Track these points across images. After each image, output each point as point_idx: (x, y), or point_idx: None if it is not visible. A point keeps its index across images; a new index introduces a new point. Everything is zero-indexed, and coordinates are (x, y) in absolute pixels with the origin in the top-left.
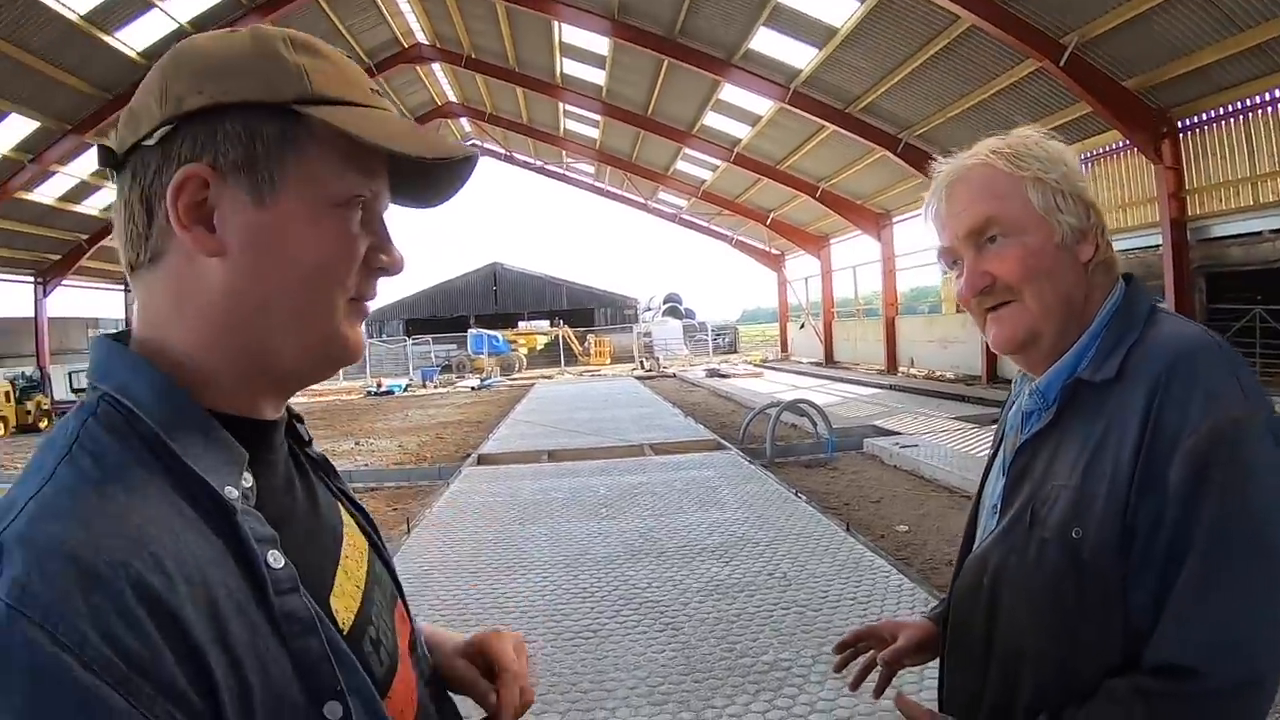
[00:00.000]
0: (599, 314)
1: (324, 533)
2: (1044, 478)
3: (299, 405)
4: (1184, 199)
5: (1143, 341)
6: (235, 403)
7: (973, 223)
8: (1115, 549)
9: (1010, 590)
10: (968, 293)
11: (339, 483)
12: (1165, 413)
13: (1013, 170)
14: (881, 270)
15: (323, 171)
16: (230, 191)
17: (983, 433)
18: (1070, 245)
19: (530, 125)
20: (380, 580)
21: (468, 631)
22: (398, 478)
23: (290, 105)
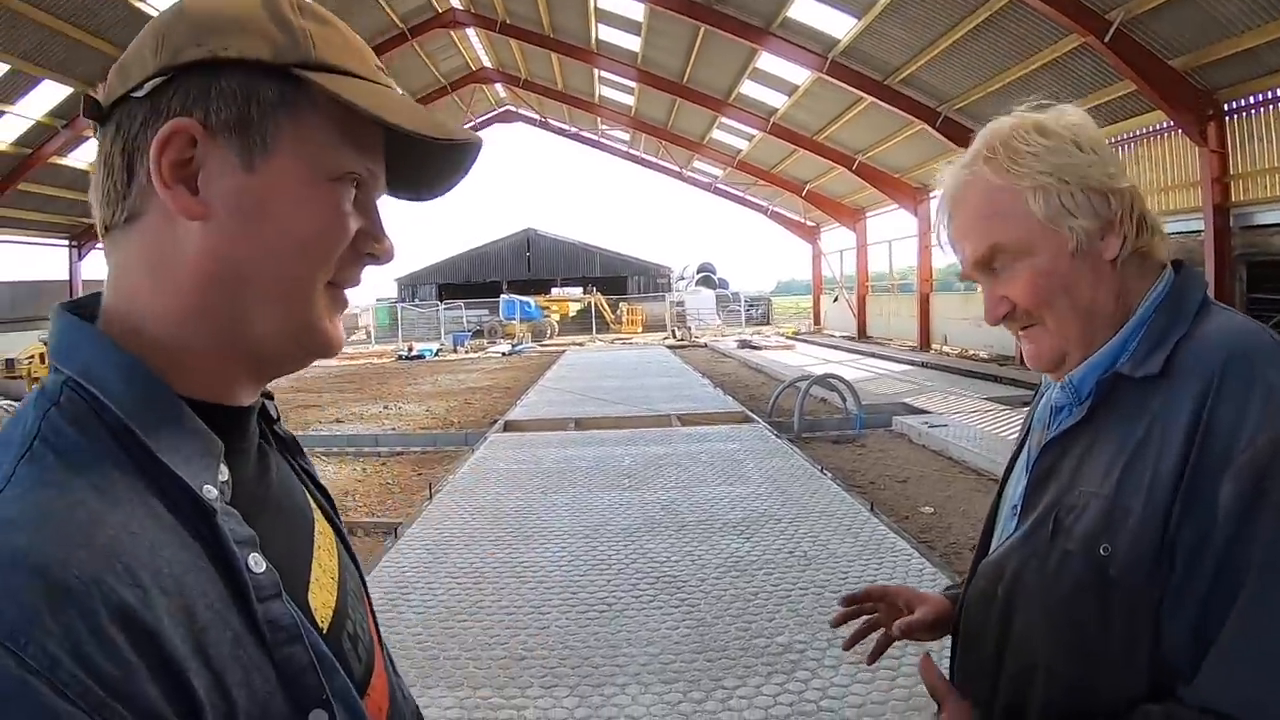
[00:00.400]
0: (632, 282)
1: (298, 523)
2: (1071, 481)
3: (326, 369)
4: (1228, 184)
5: (1192, 336)
6: (210, 387)
7: (976, 254)
8: (1148, 570)
9: (1026, 602)
10: (989, 320)
11: (305, 463)
12: (1217, 418)
13: (1009, 181)
14: (917, 245)
15: (318, 141)
16: (219, 152)
17: (1014, 415)
18: (1088, 249)
19: (565, 92)
20: (349, 568)
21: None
22: (424, 442)
23: (291, 68)
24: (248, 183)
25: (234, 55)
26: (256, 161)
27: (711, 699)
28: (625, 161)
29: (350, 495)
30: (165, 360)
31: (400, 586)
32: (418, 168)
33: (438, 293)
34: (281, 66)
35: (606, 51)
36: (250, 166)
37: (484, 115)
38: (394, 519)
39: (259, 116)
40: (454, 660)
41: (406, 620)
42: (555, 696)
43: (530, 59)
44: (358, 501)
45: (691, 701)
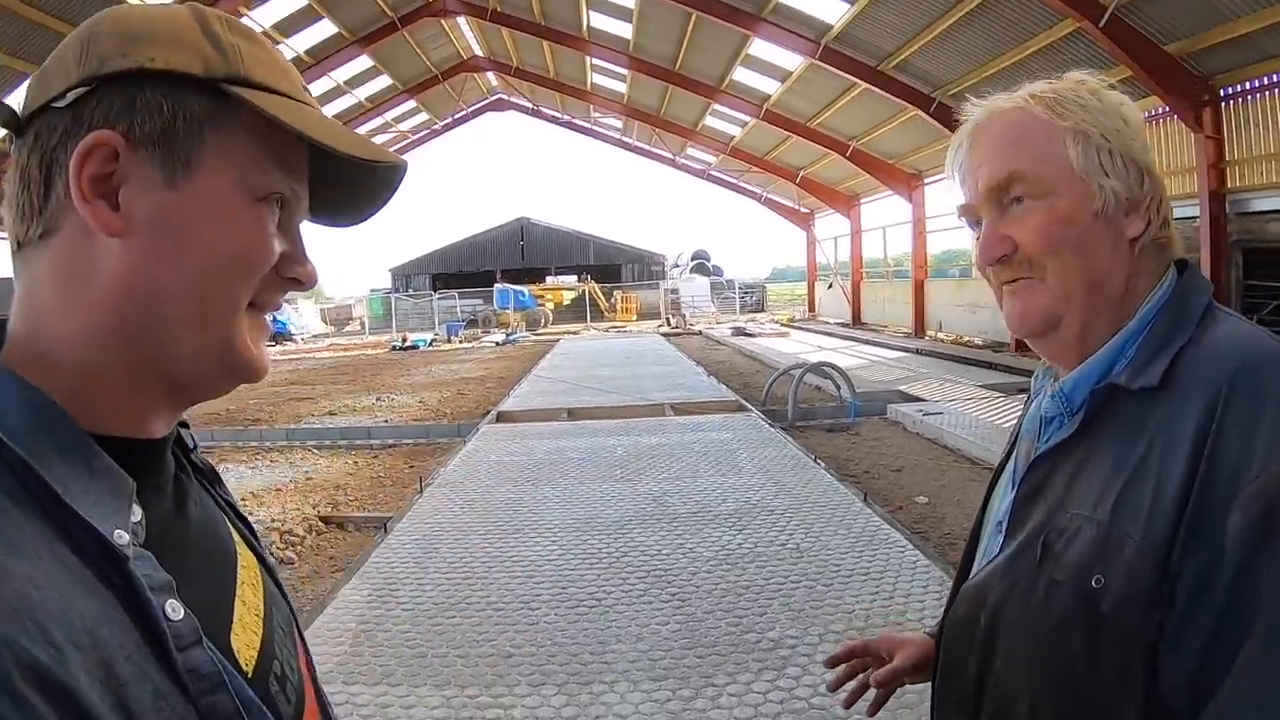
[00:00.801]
0: (626, 270)
1: (219, 559)
2: (1062, 502)
3: (319, 362)
4: (1224, 170)
5: (1196, 345)
6: (122, 419)
7: (994, 178)
8: (1144, 605)
9: (1010, 633)
10: (983, 259)
11: (225, 493)
12: (1225, 440)
13: (1051, 118)
14: (912, 231)
15: (243, 160)
16: (142, 167)
17: (1009, 402)
18: (1112, 216)
19: (557, 79)
20: (277, 602)
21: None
22: (416, 434)
23: (220, 84)
24: (171, 199)
25: (161, 67)
26: (180, 178)
27: (701, 696)
28: (618, 149)
29: (342, 489)
30: (73, 390)
31: (389, 583)
32: (341, 191)
33: (431, 283)
34: (210, 81)
35: (598, 39)
36: (174, 183)
37: (476, 104)
38: (384, 513)
39: (185, 131)
40: (442, 658)
41: (395, 617)
42: (543, 695)
43: (522, 47)
44: (349, 496)
45: (681, 699)
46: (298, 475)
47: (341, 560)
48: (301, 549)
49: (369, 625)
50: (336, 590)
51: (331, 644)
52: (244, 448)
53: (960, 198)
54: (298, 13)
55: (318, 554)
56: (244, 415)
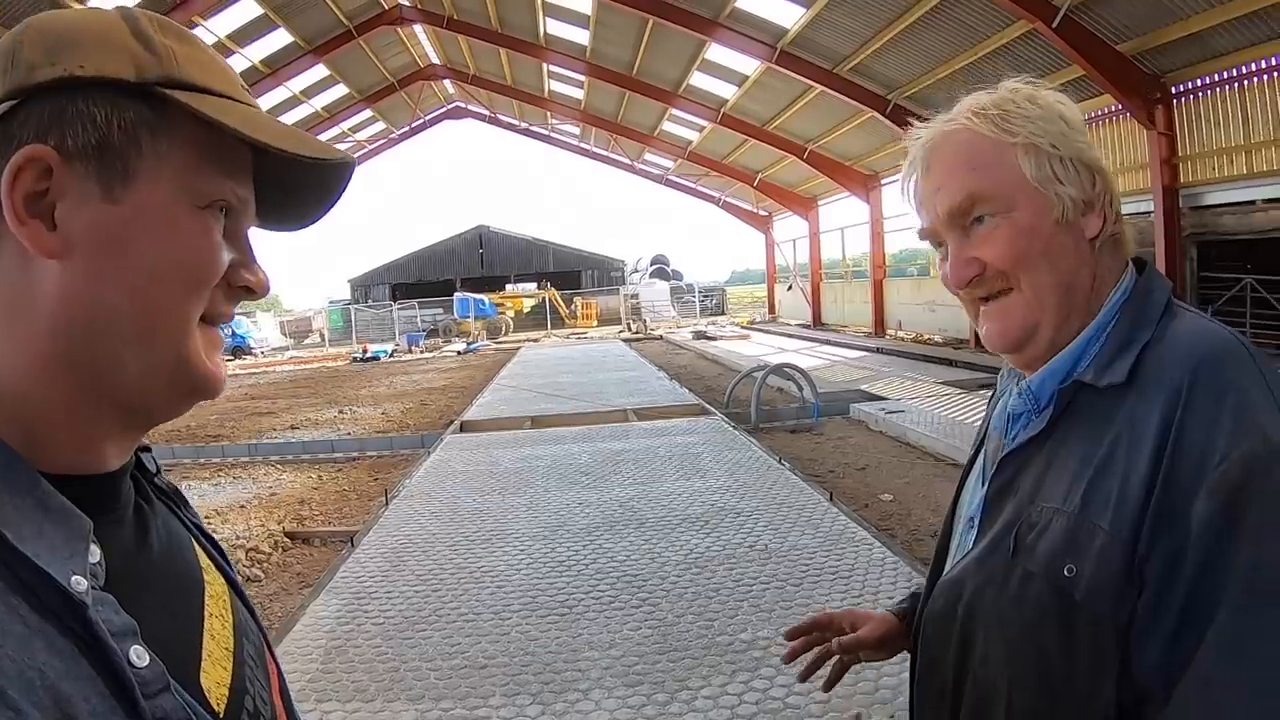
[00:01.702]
0: (586, 276)
1: (186, 592)
2: (1032, 496)
3: (280, 375)
4: (1176, 166)
5: (1158, 342)
6: (74, 454)
7: (953, 202)
8: (1115, 593)
9: (985, 626)
10: (954, 283)
11: (191, 515)
12: (1188, 431)
13: (999, 136)
14: (870, 232)
15: (183, 166)
16: (77, 181)
17: (970, 398)
18: (1072, 220)
19: (514, 87)
20: (248, 631)
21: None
22: (380, 446)
23: (154, 87)
24: (110, 214)
25: (92, 74)
26: (118, 190)
27: (676, 700)
28: (576, 155)
29: (307, 504)
30: (21, 426)
31: (359, 597)
32: (287, 193)
33: (391, 293)
34: (143, 85)
35: (555, 45)
36: (112, 196)
37: (433, 112)
38: (351, 527)
39: (121, 141)
40: (415, 671)
41: (366, 631)
42: (518, 705)
43: (479, 55)
44: (314, 510)
45: (656, 704)
46: (262, 491)
47: (309, 576)
48: (268, 566)
49: (339, 641)
50: (305, 607)
51: (302, 661)
52: (206, 464)
53: (920, 222)
54: (253, 22)
55: (284, 570)
56: (205, 431)
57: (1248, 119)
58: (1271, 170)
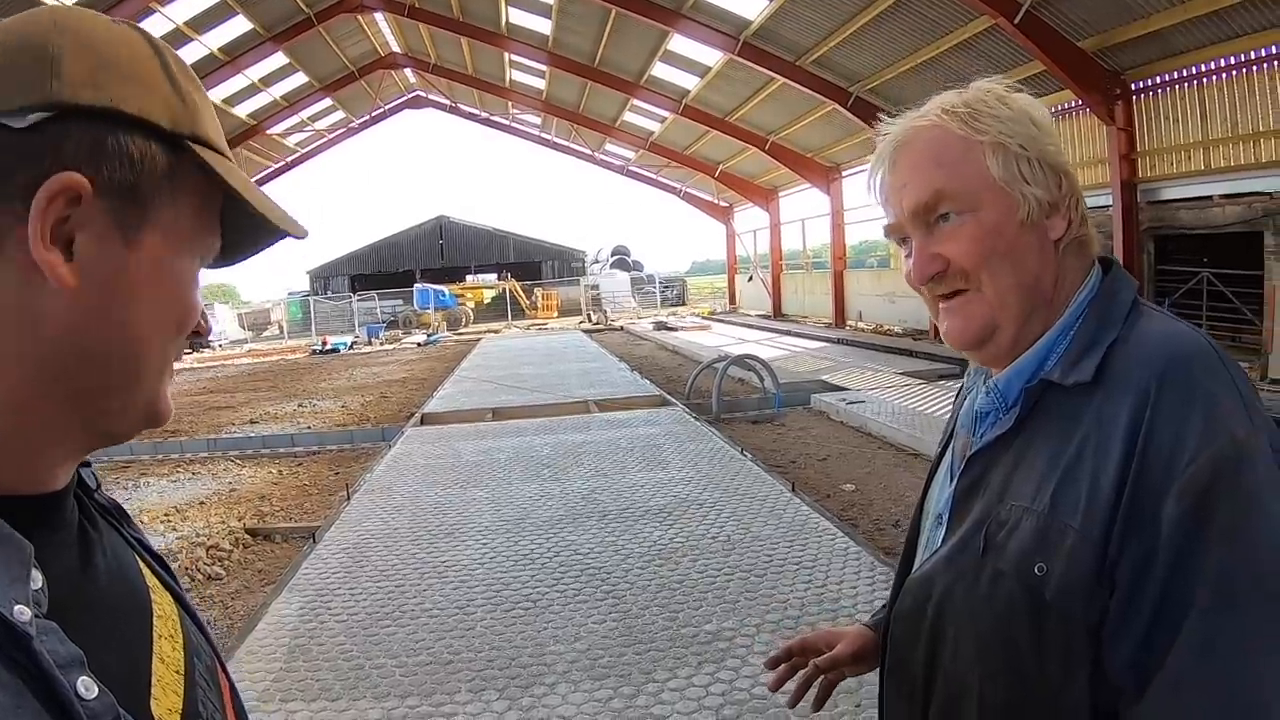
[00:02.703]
0: (546, 267)
1: (133, 615)
2: (1001, 495)
3: (239, 368)
4: (1135, 161)
5: (1125, 341)
6: (20, 475)
7: (919, 198)
8: (1086, 592)
9: (955, 625)
10: (917, 279)
11: (134, 531)
12: (1157, 432)
13: (968, 133)
14: (830, 224)
15: (188, 220)
16: (102, 217)
17: (930, 389)
18: (1036, 221)
19: (475, 76)
20: (199, 650)
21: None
22: (340, 440)
23: (183, 139)
24: (125, 258)
25: (134, 112)
26: (134, 235)
27: (643, 693)
28: (537, 145)
29: (267, 500)
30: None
31: (321, 594)
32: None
33: (350, 284)
34: (175, 136)
35: (517, 35)
36: (129, 240)
37: (393, 101)
38: (312, 523)
39: (148, 186)
40: (380, 669)
41: (329, 629)
42: (484, 701)
43: (440, 43)
44: (275, 506)
45: (623, 697)
46: (221, 487)
47: (271, 574)
48: (229, 564)
49: (303, 639)
50: (267, 605)
51: (265, 661)
52: (165, 460)
53: (885, 218)
54: (211, 8)
55: (246, 568)
56: (163, 427)
57: (1206, 116)
58: (1228, 166)
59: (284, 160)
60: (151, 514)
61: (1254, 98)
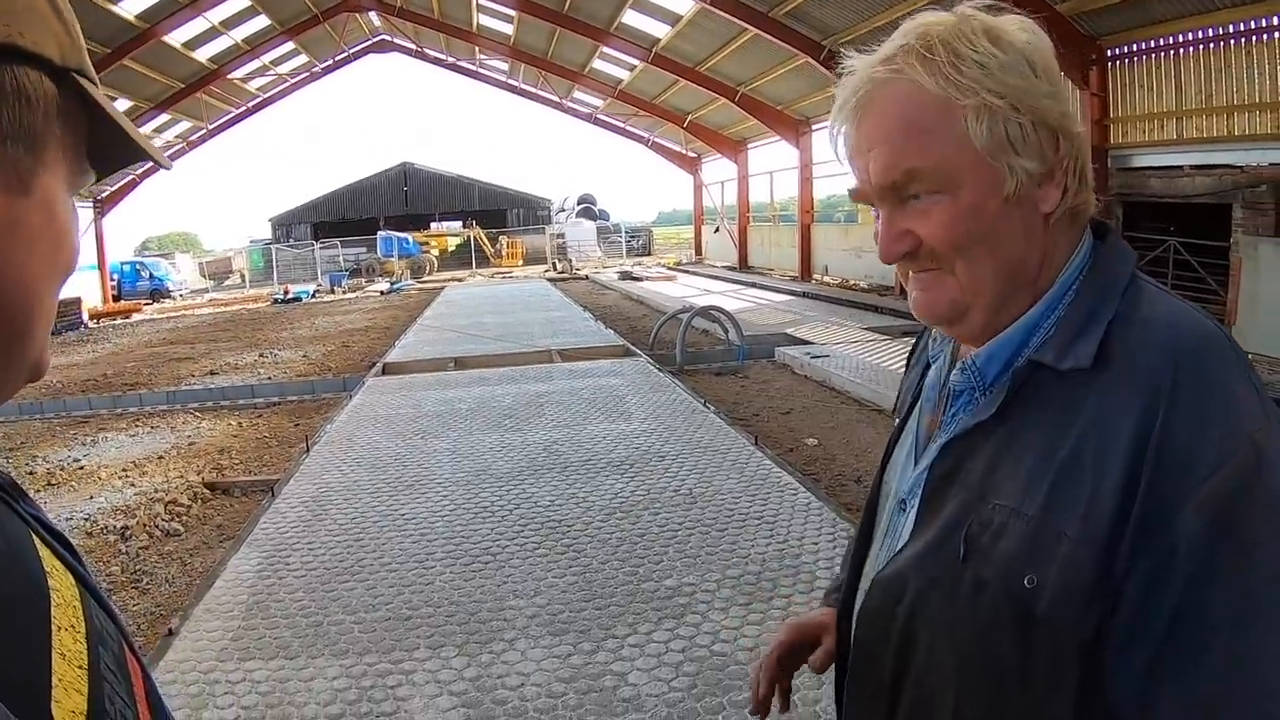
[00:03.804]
0: (512, 215)
1: (28, 609)
2: (982, 489)
3: (200, 318)
4: (1107, 127)
5: (1127, 322)
6: None
7: (887, 177)
8: (1082, 607)
9: (930, 631)
10: (884, 256)
11: (29, 507)
12: (1171, 435)
13: (947, 92)
14: (799, 177)
15: (71, 156)
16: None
17: (895, 344)
18: (1025, 196)
19: (442, 20)
20: (104, 637)
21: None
22: (301, 391)
23: (71, 73)
24: (19, 206)
25: (30, 47)
26: (28, 181)
27: (603, 649)
28: (504, 92)
29: (226, 453)
30: None
31: (280, 549)
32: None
33: (313, 232)
34: (64, 71)
35: None
36: (24, 185)
37: (358, 44)
38: (271, 476)
39: (42, 128)
40: (338, 625)
41: (288, 585)
42: (443, 657)
43: None
44: (234, 459)
45: (582, 653)
46: (180, 441)
47: (230, 528)
48: (187, 519)
49: (261, 596)
50: (225, 561)
51: (224, 619)
52: (123, 414)
53: (851, 175)
54: None
55: (205, 524)
56: (122, 380)
57: (1180, 87)
58: (1200, 137)
59: (245, 105)
60: (109, 470)
61: (1229, 71)
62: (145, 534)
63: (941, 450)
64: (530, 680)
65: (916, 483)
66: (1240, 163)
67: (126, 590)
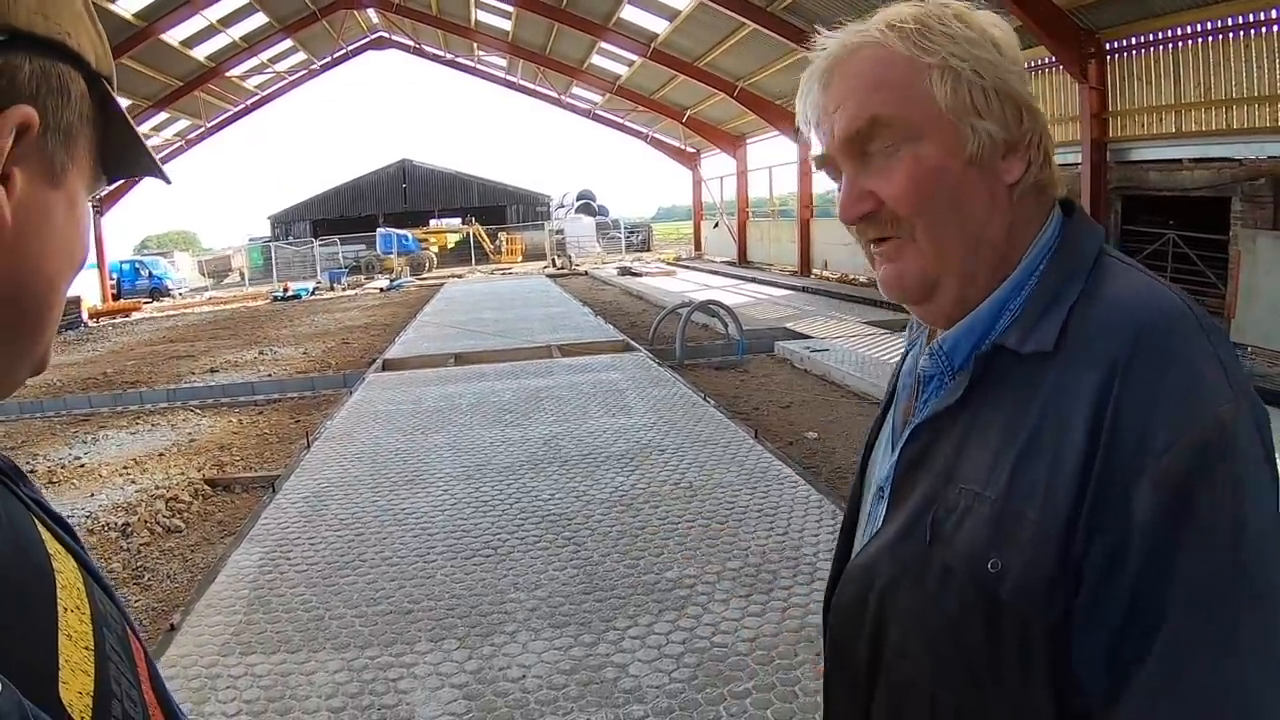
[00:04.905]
0: (511, 211)
1: (34, 591)
2: (947, 474)
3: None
4: (1106, 120)
5: (1090, 300)
6: None
7: (852, 125)
8: (1046, 590)
9: (900, 620)
10: (844, 216)
11: (31, 491)
12: (1126, 410)
13: (914, 54)
14: (798, 171)
15: (92, 159)
16: (40, 154)
17: (894, 339)
18: (988, 161)
19: (440, 17)
20: (108, 619)
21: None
22: (301, 387)
23: (102, 78)
24: (50, 198)
25: (74, 47)
26: (60, 175)
27: (604, 641)
28: (503, 88)
29: (227, 450)
30: None
31: (281, 545)
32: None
33: (312, 229)
34: (96, 77)
35: None
36: (57, 181)
37: (356, 41)
38: (272, 472)
39: (77, 126)
40: (340, 619)
41: (289, 580)
42: (445, 650)
43: None
44: (235, 456)
45: (583, 645)
46: (181, 438)
47: (231, 524)
48: (189, 515)
49: (263, 591)
50: (226, 557)
51: (225, 614)
52: (124, 412)
53: (816, 146)
54: None
55: (206, 520)
56: (123, 377)
57: (1179, 80)
58: (1199, 131)
59: (243, 103)
60: (110, 467)
61: (1228, 64)
62: (146, 530)
63: (910, 435)
64: (531, 672)
65: (890, 469)
66: (1239, 156)
67: (128, 586)
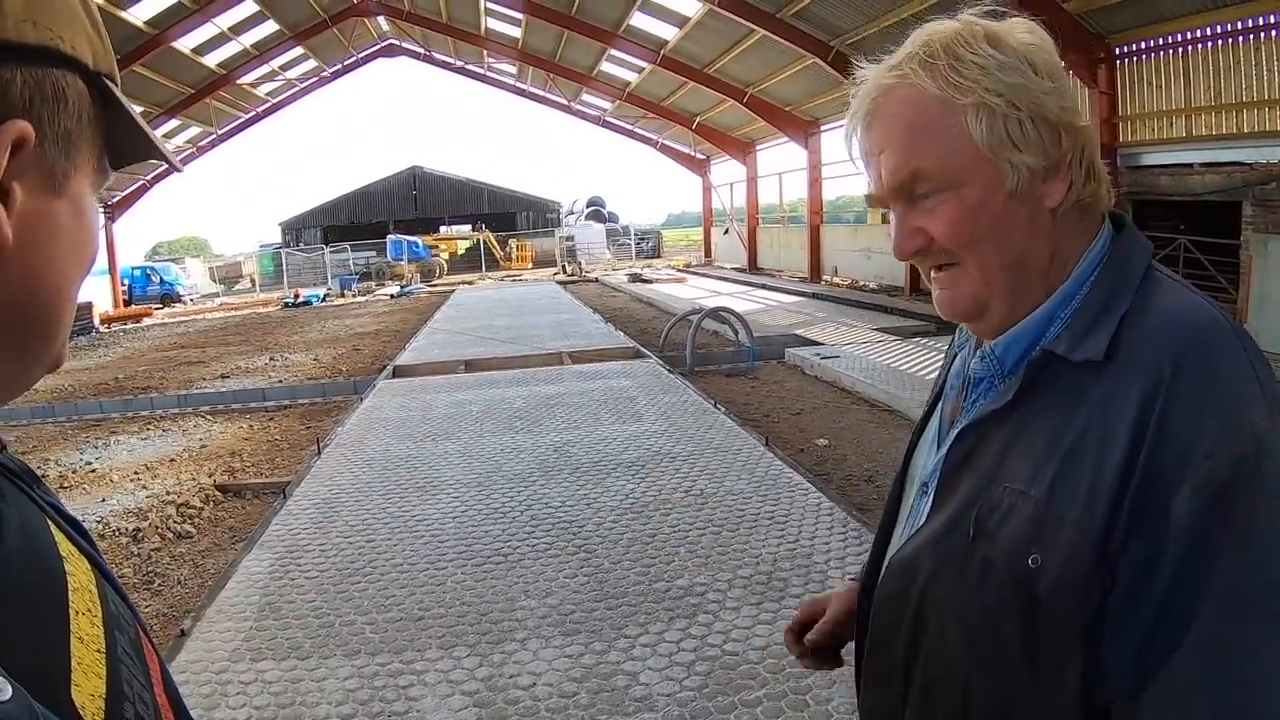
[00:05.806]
0: (521, 218)
1: (47, 592)
2: (994, 473)
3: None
4: (1116, 125)
5: (1139, 314)
6: None
7: (894, 178)
8: (1083, 589)
9: (940, 613)
10: (899, 255)
11: (45, 494)
12: (1170, 420)
13: (947, 94)
14: (807, 178)
15: (96, 159)
16: (39, 167)
17: (905, 345)
18: (1029, 190)
19: (450, 24)
20: (120, 622)
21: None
22: (312, 394)
23: (103, 78)
24: (54, 208)
25: (69, 52)
26: (62, 183)
27: (614, 649)
28: (513, 95)
29: (238, 456)
30: None
31: (292, 551)
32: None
33: (323, 236)
34: (96, 75)
35: None
36: (59, 188)
37: (366, 49)
38: (283, 478)
39: (77, 131)
40: (350, 626)
41: (299, 586)
42: (455, 657)
43: None
44: (246, 462)
45: (594, 653)
46: (192, 443)
47: (241, 530)
48: (199, 521)
49: (273, 597)
50: (237, 563)
51: (236, 620)
52: (135, 418)
53: (867, 181)
54: None
55: (216, 526)
56: (134, 383)
57: (1189, 84)
58: (1210, 135)
59: (254, 110)
60: (121, 472)
61: (1238, 67)
62: (157, 536)
63: (959, 435)
64: (542, 680)
65: (937, 466)
66: (1250, 160)
67: (139, 592)
